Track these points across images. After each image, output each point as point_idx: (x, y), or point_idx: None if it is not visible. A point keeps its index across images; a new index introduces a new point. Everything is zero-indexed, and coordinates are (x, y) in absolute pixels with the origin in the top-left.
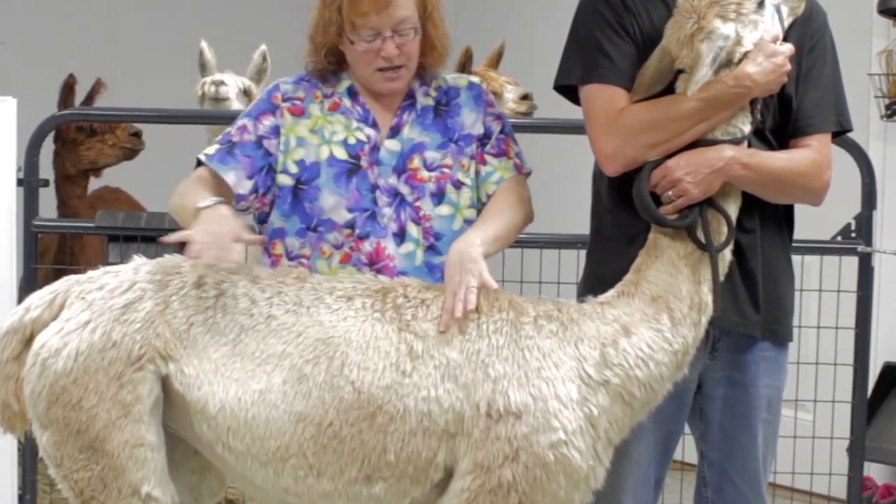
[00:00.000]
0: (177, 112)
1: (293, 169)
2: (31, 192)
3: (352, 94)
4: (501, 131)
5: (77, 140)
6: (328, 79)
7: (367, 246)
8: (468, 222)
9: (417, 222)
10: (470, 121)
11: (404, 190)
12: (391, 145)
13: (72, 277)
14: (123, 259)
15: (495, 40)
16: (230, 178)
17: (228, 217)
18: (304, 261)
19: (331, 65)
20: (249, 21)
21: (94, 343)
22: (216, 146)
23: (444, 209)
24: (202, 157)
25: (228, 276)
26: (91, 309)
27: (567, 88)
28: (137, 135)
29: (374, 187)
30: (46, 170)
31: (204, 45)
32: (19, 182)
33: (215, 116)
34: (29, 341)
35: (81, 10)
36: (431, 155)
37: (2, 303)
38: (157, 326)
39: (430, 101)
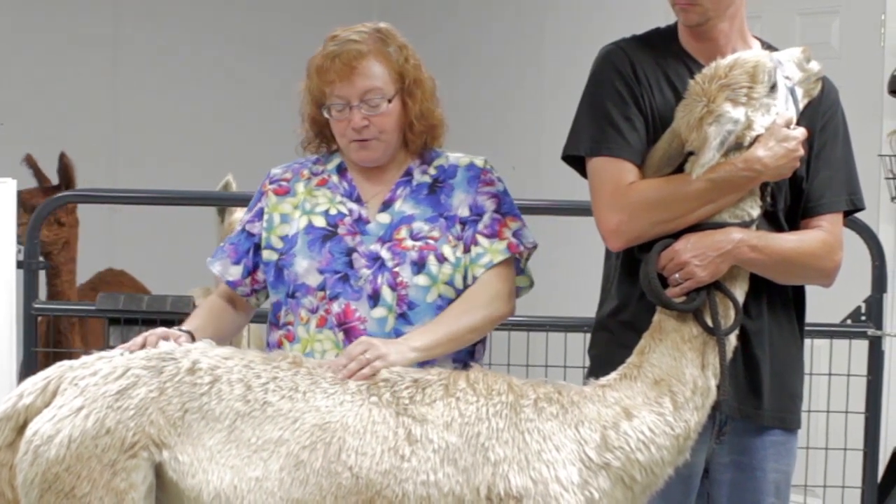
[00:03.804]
0: (179, 193)
1: (278, 244)
2: (31, 275)
3: (340, 170)
4: (497, 210)
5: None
6: (320, 158)
7: (337, 307)
8: (442, 297)
9: (394, 288)
10: (458, 202)
11: (385, 255)
12: (382, 219)
13: (65, 363)
14: (124, 343)
15: (501, 117)
16: (216, 269)
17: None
18: (290, 328)
19: (316, 137)
20: (253, 101)
21: (88, 430)
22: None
23: (422, 279)
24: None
25: (223, 362)
26: (84, 395)
27: (575, 159)
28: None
29: (351, 251)
30: None
31: (230, 178)
32: (19, 264)
33: (220, 198)
34: (22, 428)
35: (80, 89)
36: (419, 226)
37: (1, 386)
38: (151, 413)
39: (427, 179)
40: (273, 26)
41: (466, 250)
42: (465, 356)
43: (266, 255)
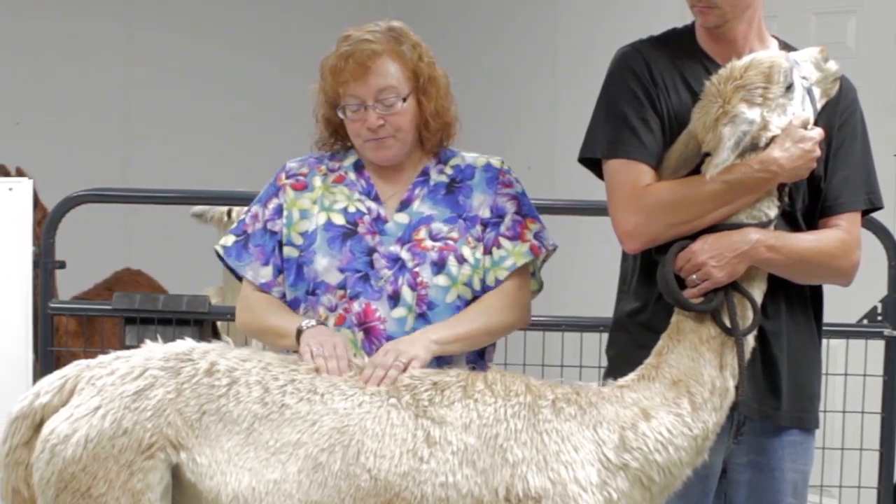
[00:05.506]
0: (194, 193)
1: (298, 241)
2: (47, 274)
3: (357, 168)
4: (518, 212)
5: None
6: (336, 154)
7: (357, 306)
8: (461, 298)
9: (413, 288)
10: (478, 203)
11: (405, 256)
12: (400, 218)
13: (82, 362)
14: (140, 342)
15: (516, 117)
16: (248, 274)
17: (333, 331)
18: None
19: (330, 136)
20: (266, 100)
21: (105, 430)
22: (232, 238)
23: (442, 280)
24: (219, 250)
25: (241, 364)
26: (101, 395)
27: (591, 161)
28: None
29: (371, 251)
30: (63, 251)
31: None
32: (36, 264)
33: (234, 197)
34: (39, 427)
35: (95, 89)
36: (438, 226)
37: (17, 386)
38: (169, 415)
39: (444, 178)
40: (286, 26)
41: (487, 252)
42: (476, 357)
43: (287, 251)
